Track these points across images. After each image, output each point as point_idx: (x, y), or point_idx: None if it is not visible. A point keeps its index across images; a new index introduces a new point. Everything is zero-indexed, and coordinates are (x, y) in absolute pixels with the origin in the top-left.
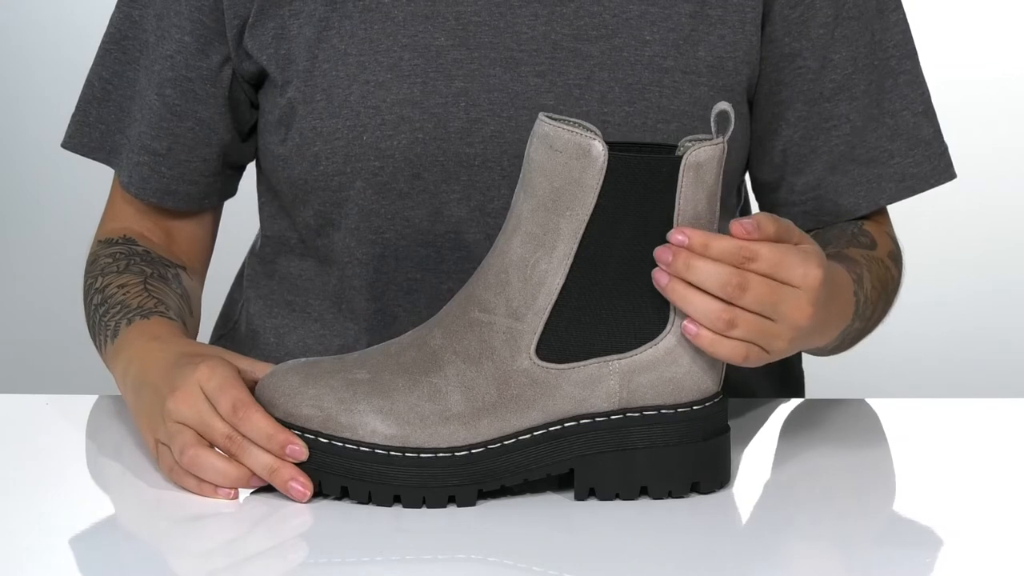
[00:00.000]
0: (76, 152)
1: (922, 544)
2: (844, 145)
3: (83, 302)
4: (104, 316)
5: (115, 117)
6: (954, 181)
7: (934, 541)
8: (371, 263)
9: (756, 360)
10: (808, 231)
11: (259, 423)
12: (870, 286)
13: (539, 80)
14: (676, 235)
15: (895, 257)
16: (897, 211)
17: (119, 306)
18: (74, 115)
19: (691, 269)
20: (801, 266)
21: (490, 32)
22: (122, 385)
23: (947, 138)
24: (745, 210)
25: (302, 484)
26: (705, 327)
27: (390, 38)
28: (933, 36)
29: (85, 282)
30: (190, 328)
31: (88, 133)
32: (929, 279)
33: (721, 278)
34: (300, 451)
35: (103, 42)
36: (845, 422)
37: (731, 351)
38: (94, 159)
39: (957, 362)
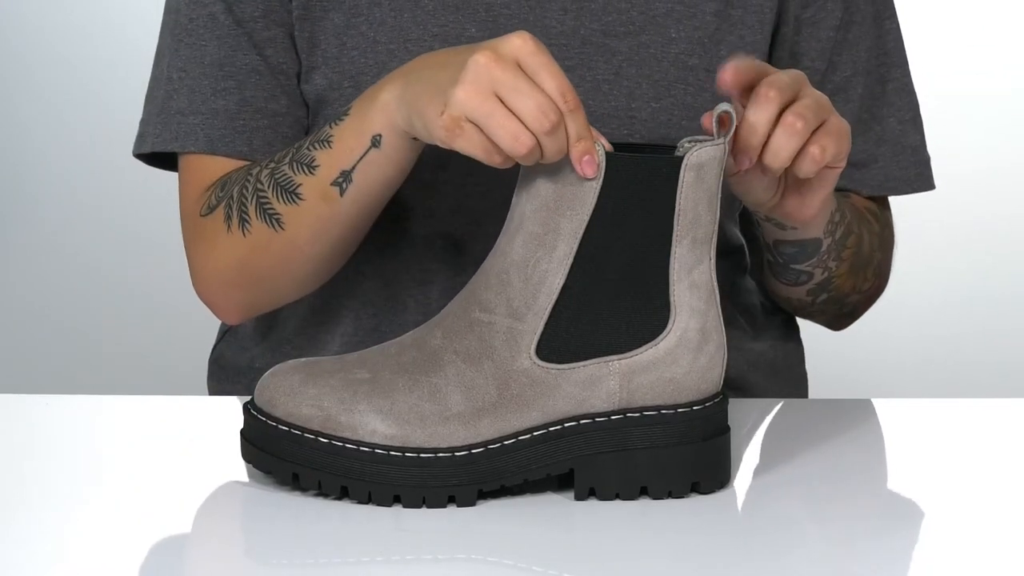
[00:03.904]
0: (162, 148)
1: (923, 544)
2: None
3: (226, 212)
4: (296, 155)
5: (188, 101)
6: (954, 182)
7: (935, 541)
8: (386, 251)
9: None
10: None
11: (582, 123)
12: (844, 207)
13: (568, 75)
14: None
15: (872, 212)
16: (897, 212)
17: (305, 142)
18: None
19: (777, 155)
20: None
21: (520, 25)
22: (374, 112)
23: (948, 142)
24: (751, 212)
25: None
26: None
27: (420, 27)
28: (934, 39)
29: (227, 202)
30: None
31: (171, 125)
32: (929, 280)
33: (793, 142)
34: (592, 165)
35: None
36: (845, 422)
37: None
38: (179, 150)
39: (957, 362)
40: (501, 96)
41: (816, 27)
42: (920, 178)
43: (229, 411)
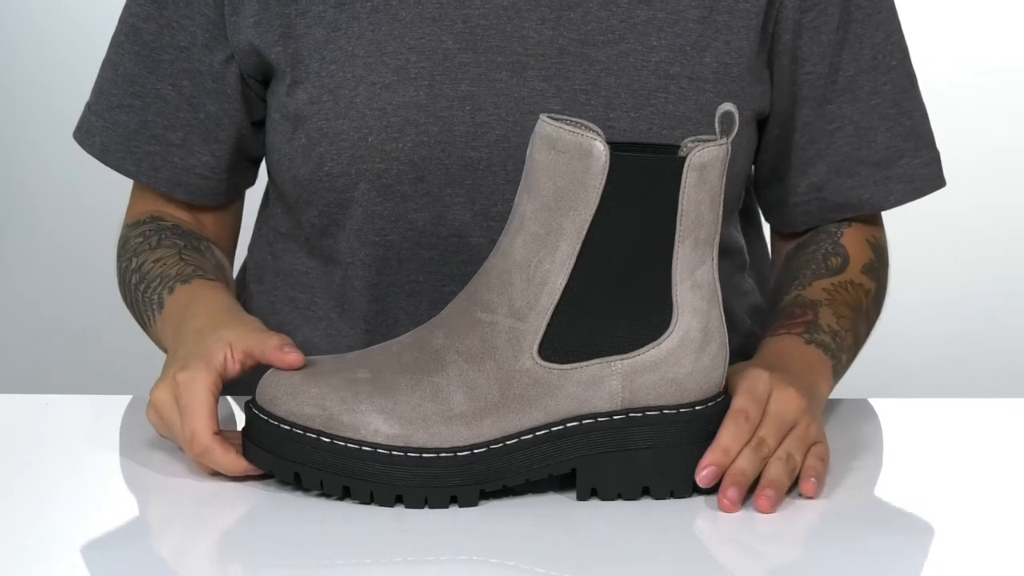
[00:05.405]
0: (74, 136)
1: (922, 544)
2: (848, 147)
3: (120, 286)
4: (146, 292)
5: (95, 98)
6: (955, 181)
7: (934, 541)
8: (374, 265)
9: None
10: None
11: (220, 462)
12: (838, 327)
13: (545, 85)
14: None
15: (871, 267)
16: (897, 211)
17: (158, 279)
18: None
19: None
20: (786, 405)
21: (497, 36)
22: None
23: (948, 138)
24: (749, 211)
25: None
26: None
27: (397, 40)
28: (934, 36)
29: (119, 266)
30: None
31: (82, 115)
32: (928, 280)
33: (753, 463)
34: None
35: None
36: (845, 422)
37: (819, 463)
38: (79, 142)
39: (957, 362)
40: None
41: (817, 32)
42: (938, 175)
43: (229, 411)
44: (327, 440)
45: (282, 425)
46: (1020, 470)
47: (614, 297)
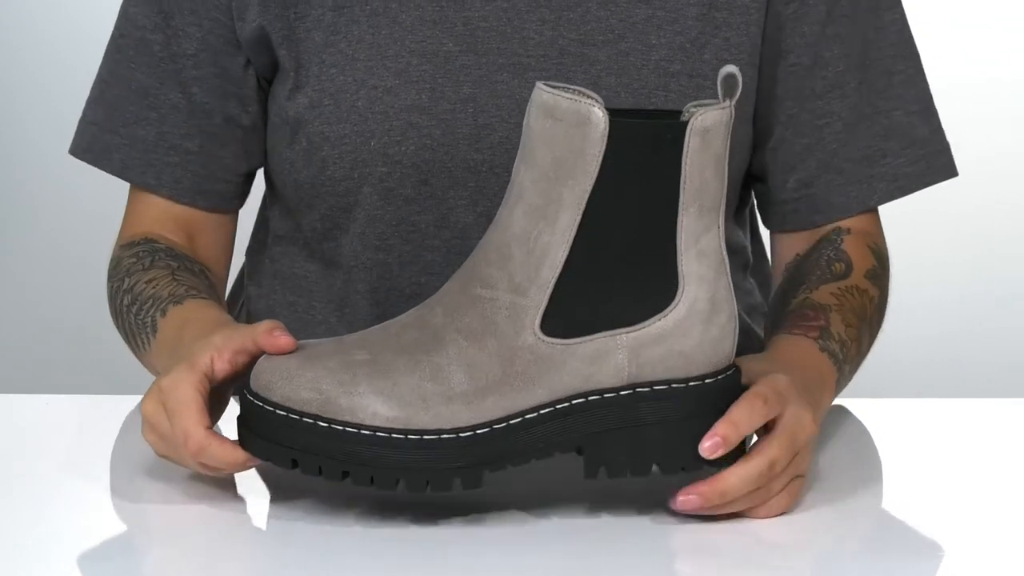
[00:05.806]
0: (78, 156)
1: (922, 545)
2: (836, 143)
3: (110, 309)
4: (138, 315)
5: (106, 115)
6: (951, 180)
7: (933, 542)
8: (376, 268)
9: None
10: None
11: (218, 455)
12: (846, 336)
13: None
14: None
15: (875, 273)
16: (896, 210)
17: (151, 300)
18: (80, 119)
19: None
20: (801, 425)
21: (498, 38)
22: None
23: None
24: (749, 213)
25: None
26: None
27: (398, 43)
28: (934, 36)
29: (110, 287)
30: None
31: (86, 135)
32: (928, 279)
33: (747, 486)
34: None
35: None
36: (844, 422)
37: (790, 497)
38: (92, 163)
39: (957, 362)
40: None
41: (799, 23)
42: (932, 170)
43: (228, 410)
44: (324, 425)
45: (278, 411)
46: (1020, 470)
47: (617, 268)
